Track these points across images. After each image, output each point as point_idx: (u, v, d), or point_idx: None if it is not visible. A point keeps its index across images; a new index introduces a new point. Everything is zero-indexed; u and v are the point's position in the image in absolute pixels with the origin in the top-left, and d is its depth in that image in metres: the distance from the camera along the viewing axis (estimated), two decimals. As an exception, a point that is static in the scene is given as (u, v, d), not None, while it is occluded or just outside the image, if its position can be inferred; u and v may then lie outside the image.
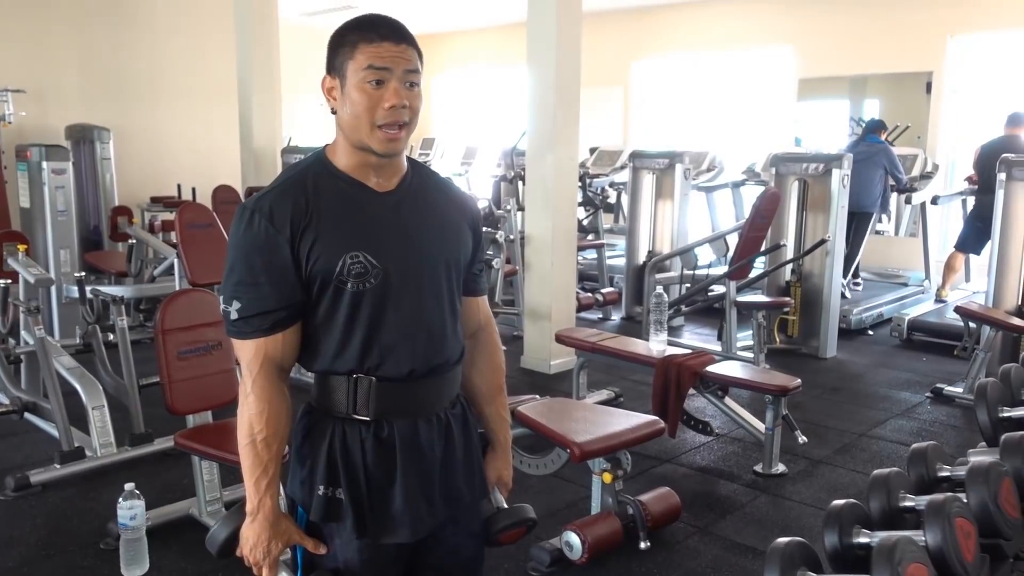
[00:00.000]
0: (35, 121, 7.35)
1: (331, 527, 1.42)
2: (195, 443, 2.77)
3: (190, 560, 2.81)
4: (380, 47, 1.34)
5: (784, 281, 5.68)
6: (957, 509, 2.01)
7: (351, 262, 1.36)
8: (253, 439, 1.38)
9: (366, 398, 1.40)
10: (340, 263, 1.36)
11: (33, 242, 5.08)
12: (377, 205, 1.42)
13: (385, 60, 1.34)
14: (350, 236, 1.37)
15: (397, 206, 1.43)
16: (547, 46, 4.93)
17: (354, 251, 1.36)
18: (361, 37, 1.35)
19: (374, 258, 1.37)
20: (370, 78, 1.34)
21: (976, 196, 6.54)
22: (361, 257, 1.37)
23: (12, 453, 3.75)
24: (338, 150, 1.42)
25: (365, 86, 1.34)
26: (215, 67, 8.27)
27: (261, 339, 1.38)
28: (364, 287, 1.37)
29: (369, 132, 1.36)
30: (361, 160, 1.41)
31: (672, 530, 3.04)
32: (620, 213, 8.45)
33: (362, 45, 1.34)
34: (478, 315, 1.62)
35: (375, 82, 1.34)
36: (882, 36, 7.74)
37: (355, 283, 1.37)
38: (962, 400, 4.52)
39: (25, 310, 3.89)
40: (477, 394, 1.63)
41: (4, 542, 2.90)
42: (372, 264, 1.37)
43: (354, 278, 1.36)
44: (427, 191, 1.49)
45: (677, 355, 3.80)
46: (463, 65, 11.30)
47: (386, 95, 1.35)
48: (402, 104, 1.35)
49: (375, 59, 1.34)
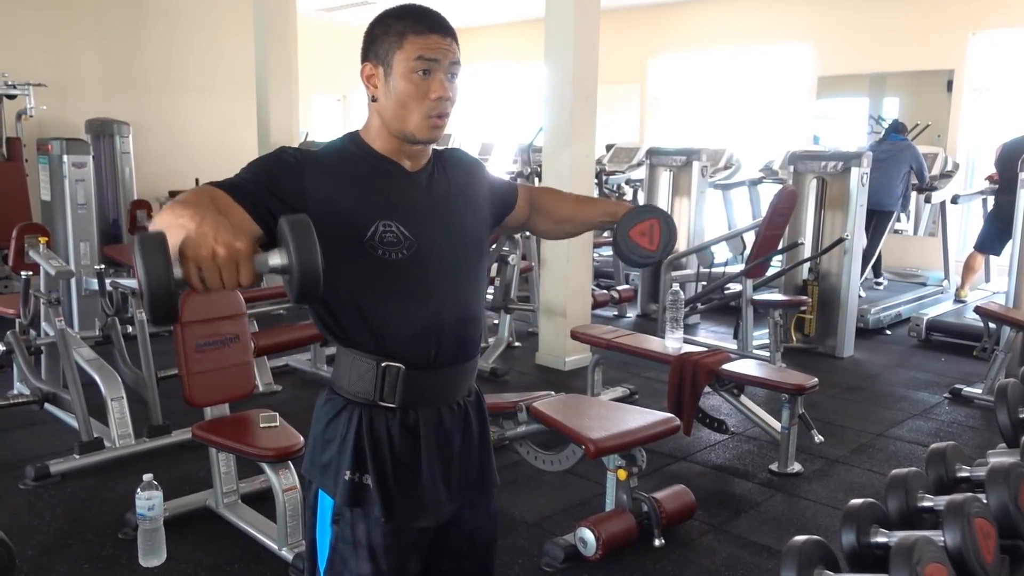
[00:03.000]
0: (56, 115, 7.42)
1: (356, 513, 1.43)
2: (213, 435, 2.79)
3: (207, 551, 2.83)
4: (429, 39, 1.37)
5: (801, 280, 5.65)
6: (976, 509, 1.99)
7: (383, 229, 1.38)
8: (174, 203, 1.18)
9: (393, 386, 1.41)
10: (372, 229, 1.37)
11: (54, 235, 5.13)
12: (410, 183, 1.45)
13: (434, 51, 1.37)
14: (382, 205, 1.40)
15: (428, 185, 1.47)
16: (564, 42, 4.92)
17: (386, 220, 1.38)
18: (409, 27, 1.37)
19: (406, 229, 1.39)
20: (418, 68, 1.36)
21: (996, 195, 6.48)
22: (393, 227, 1.38)
23: (32, 443, 3.79)
24: (372, 133, 1.45)
25: (413, 76, 1.36)
26: (233, 63, 8.31)
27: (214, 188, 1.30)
28: (397, 256, 1.38)
29: (414, 121, 1.38)
30: (396, 145, 1.43)
31: (687, 528, 3.03)
32: (636, 210, 8.41)
33: (410, 35, 1.36)
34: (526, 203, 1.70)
35: (423, 72, 1.37)
36: (902, 33, 7.67)
37: (386, 250, 1.37)
38: (981, 401, 4.48)
39: (46, 302, 3.93)
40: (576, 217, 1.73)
41: (24, 531, 2.93)
42: (404, 235, 1.39)
43: (385, 245, 1.37)
44: (449, 169, 1.52)
45: (693, 353, 3.78)
46: (480, 61, 11.29)
47: (433, 86, 1.38)
48: (447, 96, 1.39)
49: (424, 50, 1.36)
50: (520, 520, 3.05)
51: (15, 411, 3.97)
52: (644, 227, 1.59)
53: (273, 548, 2.77)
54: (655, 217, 1.60)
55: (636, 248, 1.60)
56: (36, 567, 2.72)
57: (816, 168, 5.61)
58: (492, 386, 4.67)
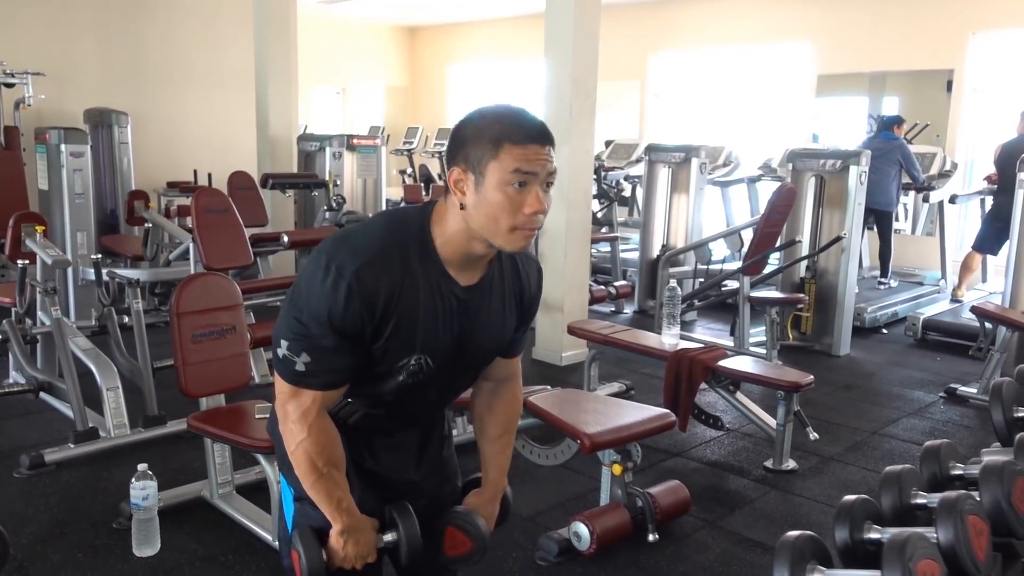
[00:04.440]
0: (54, 104, 7.39)
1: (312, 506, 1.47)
2: (208, 426, 2.79)
3: (201, 541, 2.83)
4: (527, 149, 1.28)
5: (799, 277, 5.65)
6: (970, 506, 2.00)
7: (414, 363, 1.38)
8: (320, 472, 1.40)
9: (350, 414, 1.48)
10: (406, 360, 1.37)
11: (51, 224, 5.12)
12: (455, 302, 1.39)
13: (532, 164, 1.28)
14: (424, 339, 1.37)
15: (468, 305, 1.41)
16: (564, 38, 4.92)
17: (420, 354, 1.38)
18: (506, 135, 1.28)
19: (432, 360, 1.40)
20: (515, 181, 1.27)
21: (995, 196, 6.48)
22: (423, 361, 1.38)
23: (27, 432, 3.78)
24: (448, 228, 1.35)
25: (508, 188, 1.28)
26: (233, 54, 8.29)
27: (321, 392, 1.37)
28: (411, 381, 1.41)
29: (504, 233, 1.30)
30: (468, 249, 1.35)
31: (681, 523, 3.03)
32: (635, 206, 8.42)
33: (507, 145, 1.27)
34: (507, 370, 1.62)
35: (519, 184, 1.28)
36: (902, 33, 7.67)
37: (408, 376, 1.40)
38: (976, 400, 4.49)
39: (42, 291, 3.93)
40: (484, 433, 1.64)
41: (19, 519, 2.93)
42: (428, 366, 1.40)
43: (410, 374, 1.39)
44: (501, 278, 1.47)
45: (689, 349, 3.79)
46: (480, 56, 11.29)
47: (528, 200, 1.29)
48: (543, 211, 1.31)
49: (522, 162, 1.27)
50: (514, 514, 3.03)
51: (10, 400, 3.98)
52: (461, 537, 1.55)
53: (267, 539, 2.77)
54: (475, 542, 1.54)
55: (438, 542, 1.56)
56: (30, 556, 2.72)
57: (815, 166, 5.61)
58: (488, 380, 4.67)
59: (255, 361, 4.32)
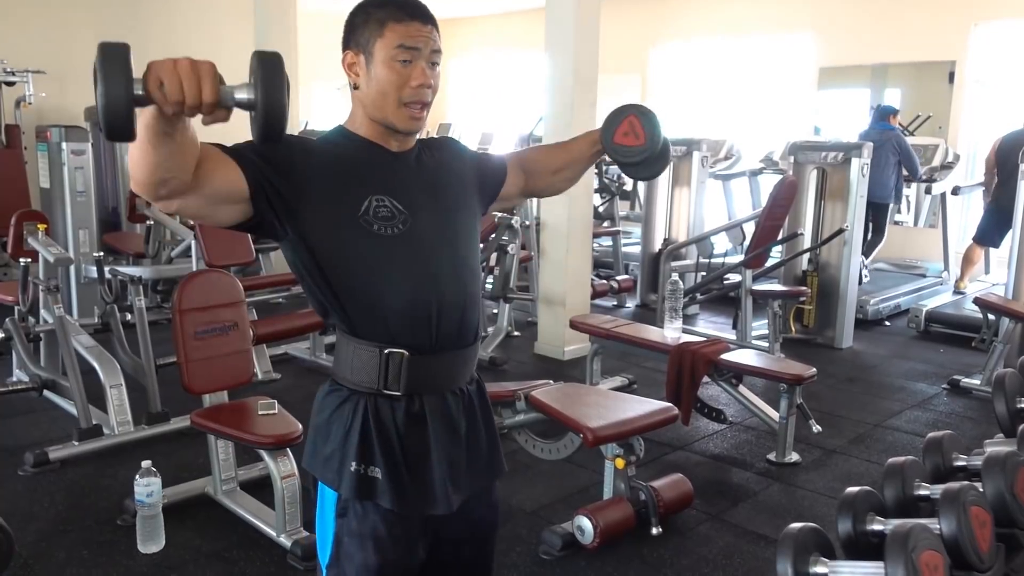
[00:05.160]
0: (55, 102, 7.40)
1: (364, 505, 1.41)
2: (211, 422, 2.80)
3: (205, 537, 2.84)
4: (409, 26, 1.36)
5: (801, 270, 5.65)
6: (972, 497, 1.99)
7: (376, 204, 1.37)
8: None
9: (397, 373, 1.39)
10: (365, 204, 1.37)
11: (53, 222, 5.12)
12: (398, 162, 1.45)
13: (415, 40, 1.36)
14: (373, 182, 1.40)
15: (416, 163, 1.48)
16: (565, 32, 4.91)
17: (378, 195, 1.38)
18: (389, 15, 1.36)
19: (399, 203, 1.39)
20: (400, 57, 1.35)
21: (996, 188, 6.46)
22: (386, 201, 1.38)
23: (31, 430, 3.79)
24: (356, 122, 1.44)
25: (394, 64, 1.36)
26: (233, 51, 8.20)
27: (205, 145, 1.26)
28: (392, 231, 1.37)
29: (395, 109, 1.38)
30: (381, 132, 1.43)
31: (684, 517, 3.04)
32: (636, 200, 8.41)
33: (391, 23, 1.35)
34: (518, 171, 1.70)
35: (403, 61, 1.36)
36: (904, 24, 7.64)
37: (381, 225, 1.37)
38: (979, 392, 4.48)
39: (45, 289, 3.93)
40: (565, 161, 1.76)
41: (23, 517, 2.94)
42: (399, 209, 1.39)
43: (380, 220, 1.37)
44: (435, 150, 1.54)
45: (692, 342, 3.79)
46: (480, 50, 11.26)
47: (414, 74, 1.37)
48: (428, 84, 1.38)
49: (405, 38, 1.35)
50: (518, 508, 3.06)
51: (14, 398, 3.98)
52: (624, 127, 1.57)
53: (271, 535, 2.78)
54: (630, 113, 1.58)
55: (625, 150, 1.57)
56: (35, 553, 2.73)
57: (816, 159, 5.60)
58: (491, 375, 4.68)
59: (257, 358, 4.33)
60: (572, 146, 1.76)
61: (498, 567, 2.66)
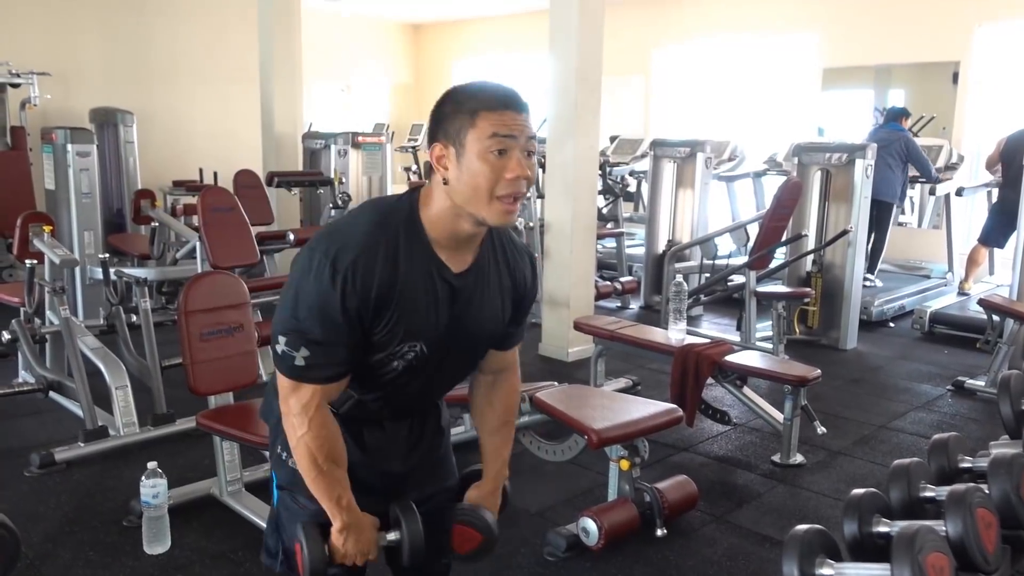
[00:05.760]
0: (60, 104, 7.42)
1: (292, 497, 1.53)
2: (217, 423, 2.80)
3: (211, 539, 2.84)
4: (504, 115, 1.30)
5: (805, 272, 5.64)
6: (978, 499, 2.00)
7: (407, 349, 1.40)
8: (320, 468, 1.40)
9: (341, 404, 1.47)
10: (399, 346, 1.39)
11: (58, 224, 5.13)
12: (447, 288, 1.40)
13: (509, 128, 1.30)
14: (416, 327, 1.38)
15: (459, 292, 1.42)
16: (569, 34, 4.91)
17: (414, 341, 1.40)
18: (482, 105, 1.31)
19: (427, 348, 1.41)
20: (494, 147, 1.30)
21: (1000, 189, 6.46)
22: (418, 347, 1.41)
23: (37, 431, 3.80)
24: (434, 208, 1.37)
25: (488, 156, 1.30)
26: (237, 52, 8.30)
27: (322, 386, 1.38)
28: (407, 364, 1.42)
29: (487, 203, 1.32)
30: (455, 228, 1.37)
31: (689, 518, 3.03)
32: (640, 202, 8.42)
33: (484, 112, 1.30)
34: (503, 362, 1.63)
35: (498, 152, 1.30)
36: (908, 25, 7.64)
37: (400, 362, 1.41)
38: (984, 393, 4.48)
39: (50, 290, 3.94)
40: (484, 426, 1.67)
41: (29, 518, 2.95)
42: (424, 353, 1.42)
43: (401, 359, 1.41)
44: (499, 262, 1.49)
45: (696, 344, 3.78)
46: (484, 52, 11.27)
47: (509, 165, 1.31)
48: (525, 175, 1.32)
49: (500, 127, 1.30)
50: (523, 510, 3.06)
51: (20, 399, 3.99)
52: (469, 532, 1.56)
53: (277, 536, 2.78)
54: (484, 535, 1.56)
55: (447, 539, 1.57)
56: (41, 554, 2.73)
57: (820, 160, 5.60)
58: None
59: (263, 359, 4.33)
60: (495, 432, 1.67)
61: (503, 568, 2.67)
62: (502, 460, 1.66)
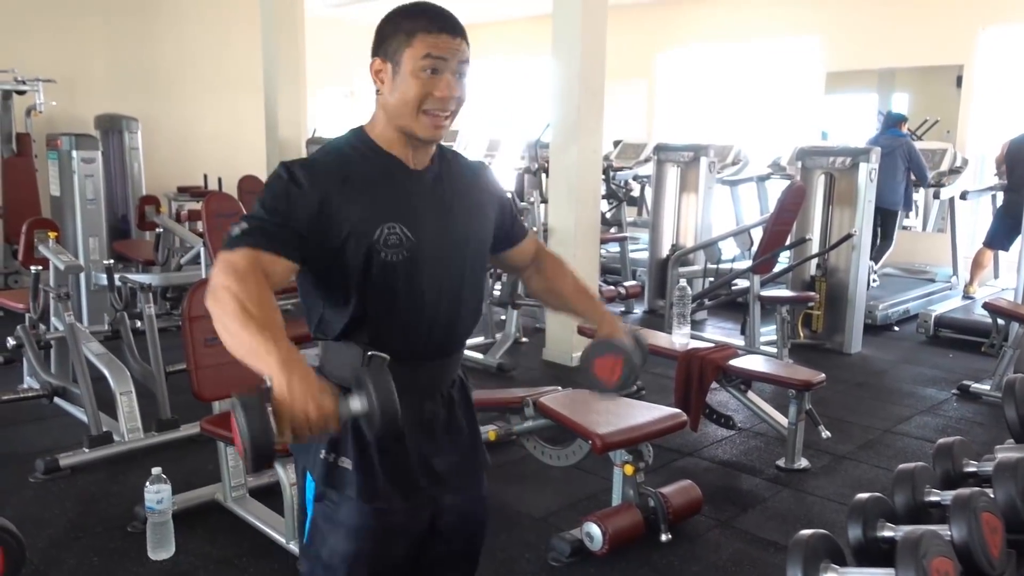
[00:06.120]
0: (65, 111, 7.44)
1: (337, 493, 1.44)
2: (221, 429, 2.80)
3: (215, 545, 2.84)
4: (439, 38, 1.38)
5: (809, 276, 5.64)
6: (984, 504, 1.99)
7: (387, 232, 1.38)
8: (250, 313, 1.22)
9: None
10: (378, 232, 1.38)
11: (63, 230, 5.15)
12: (413, 181, 1.45)
13: (442, 50, 1.38)
14: (387, 207, 1.40)
15: (432, 184, 1.48)
16: (572, 38, 4.92)
17: (391, 222, 1.39)
18: (419, 26, 1.37)
19: (409, 231, 1.40)
20: (427, 67, 1.37)
21: (1005, 192, 6.45)
22: (397, 229, 1.39)
23: (42, 437, 3.81)
24: (377, 127, 1.45)
25: (421, 74, 1.37)
26: (241, 58, 8.33)
27: (257, 250, 1.30)
28: (396, 258, 1.39)
29: (415, 117, 1.39)
30: (400, 140, 1.44)
31: (693, 523, 3.03)
32: (643, 206, 8.41)
33: (420, 34, 1.37)
34: (529, 251, 1.72)
35: (430, 71, 1.37)
36: (912, 28, 7.63)
37: (388, 253, 1.39)
38: (989, 397, 4.46)
39: (55, 296, 3.96)
40: (562, 295, 1.74)
41: (34, 523, 2.95)
42: (407, 236, 1.40)
43: (388, 248, 1.38)
44: (456, 171, 1.53)
45: (700, 348, 3.78)
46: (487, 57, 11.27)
47: (439, 84, 1.38)
48: (453, 95, 1.40)
49: (433, 49, 1.37)
50: (526, 515, 3.06)
51: (25, 405, 4.00)
52: (608, 361, 1.59)
53: (281, 542, 2.79)
54: (621, 355, 1.60)
55: (595, 379, 1.61)
56: (46, 560, 2.74)
57: (824, 164, 5.59)
58: (499, 381, 4.68)
59: (267, 364, 4.34)
60: (581, 297, 1.74)
61: (507, 574, 2.67)
62: (602, 307, 1.73)
